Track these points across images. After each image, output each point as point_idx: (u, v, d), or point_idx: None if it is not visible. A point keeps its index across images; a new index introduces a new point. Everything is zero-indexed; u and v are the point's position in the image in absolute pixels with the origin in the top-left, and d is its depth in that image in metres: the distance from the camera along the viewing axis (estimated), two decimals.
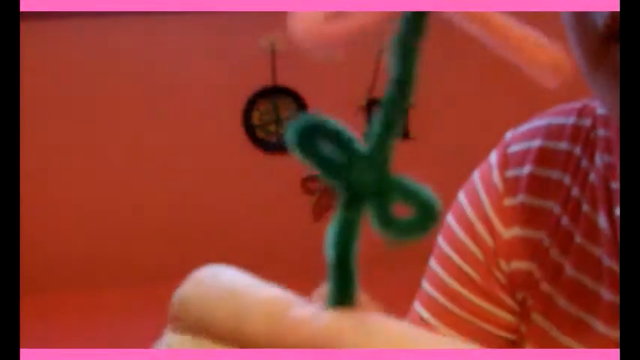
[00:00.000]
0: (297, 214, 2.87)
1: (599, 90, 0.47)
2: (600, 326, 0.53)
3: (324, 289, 0.24)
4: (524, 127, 0.62)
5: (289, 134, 0.23)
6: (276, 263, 2.86)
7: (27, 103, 2.64)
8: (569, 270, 0.56)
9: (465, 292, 0.60)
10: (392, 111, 0.23)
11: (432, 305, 0.62)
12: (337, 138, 0.24)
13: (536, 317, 0.58)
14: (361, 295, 0.24)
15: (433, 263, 0.63)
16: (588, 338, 0.54)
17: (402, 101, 0.23)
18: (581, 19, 0.45)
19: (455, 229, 0.62)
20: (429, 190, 0.23)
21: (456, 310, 0.60)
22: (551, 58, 0.21)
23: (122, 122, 2.84)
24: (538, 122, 0.61)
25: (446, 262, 0.62)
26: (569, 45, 0.47)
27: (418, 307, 0.63)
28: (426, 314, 0.62)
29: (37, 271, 2.75)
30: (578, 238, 0.56)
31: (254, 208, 2.90)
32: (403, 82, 0.23)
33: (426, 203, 0.23)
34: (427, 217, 0.23)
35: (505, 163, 0.61)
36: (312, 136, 0.24)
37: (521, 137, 0.61)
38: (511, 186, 0.60)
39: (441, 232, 0.63)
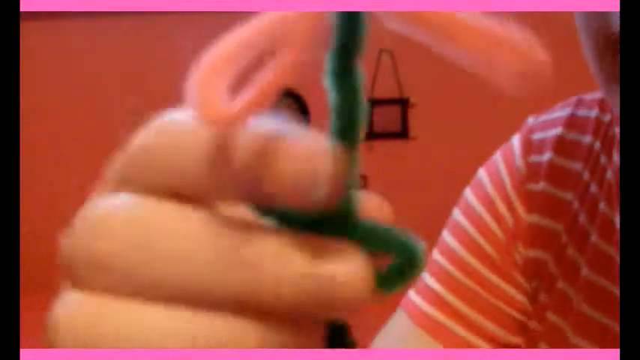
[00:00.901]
0: None
1: (607, 90, 0.47)
2: (617, 327, 0.52)
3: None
4: (548, 116, 0.61)
5: None
6: None
7: (27, 102, 2.64)
8: (584, 270, 0.55)
9: (480, 267, 0.59)
10: (342, 147, 0.19)
11: (444, 277, 0.60)
12: None
13: (552, 317, 0.57)
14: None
15: (447, 236, 0.62)
16: (605, 339, 0.53)
17: (352, 137, 0.20)
18: (594, 18, 0.45)
19: (474, 204, 0.61)
20: (406, 235, 0.20)
21: (470, 283, 0.59)
22: (519, 59, 0.18)
23: (122, 122, 2.84)
24: (562, 112, 0.60)
25: (463, 236, 0.60)
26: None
27: (428, 278, 0.61)
28: (437, 286, 0.60)
29: (37, 271, 2.75)
30: (594, 237, 0.55)
31: None
32: (349, 117, 0.20)
33: (406, 251, 0.20)
34: (410, 266, 0.20)
35: (528, 148, 0.60)
36: None
37: (544, 125, 0.60)
38: (534, 171, 0.59)
39: (458, 206, 0.62)
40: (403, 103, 2.86)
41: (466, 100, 2.93)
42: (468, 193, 0.62)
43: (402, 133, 2.83)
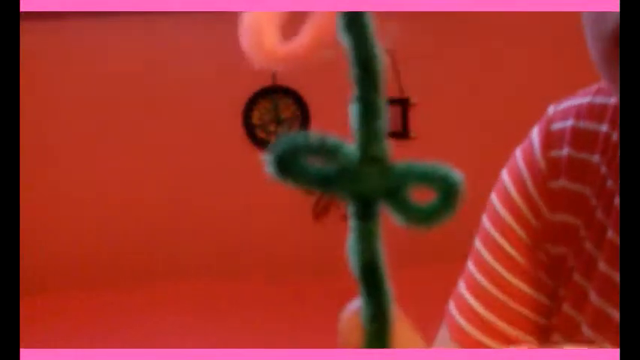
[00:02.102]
0: (297, 214, 2.87)
1: (611, 86, 0.48)
2: None
3: (356, 304, 0.22)
4: (568, 103, 0.61)
5: (270, 166, 0.22)
6: (276, 263, 2.86)
7: (27, 102, 2.64)
8: (601, 265, 0.55)
9: (505, 273, 0.60)
10: (366, 98, 0.21)
11: (473, 286, 0.62)
12: (322, 149, 0.22)
13: (568, 309, 0.57)
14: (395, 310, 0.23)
15: (477, 243, 0.63)
16: (617, 334, 0.53)
17: (372, 83, 0.21)
18: (598, 18, 0.45)
19: (498, 209, 0.62)
20: (445, 167, 0.21)
21: (495, 292, 0.60)
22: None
23: (122, 122, 2.83)
24: (581, 99, 0.60)
25: (489, 243, 0.62)
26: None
27: (462, 287, 0.63)
28: (468, 296, 0.62)
29: (37, 271, 2.75)
30: (610, 233, 0.55)
31: (254, 208, 2.90)
32: (364, 62, 0.21)
33: (445, 181, 0.21)
34: (450, 196, 0.21)
35: (548, 142, 0.60)
36: (295, 158, 0.22)
37: (564, 114, 0.60)
38: (554, 167, 0.59)
39: (486, 212, 0.63)
40: (403, 103, 2.86)
41: (466, 100, 2.93)
42: (493, 198, 0.63)
43: (402, 133, 2.83)
